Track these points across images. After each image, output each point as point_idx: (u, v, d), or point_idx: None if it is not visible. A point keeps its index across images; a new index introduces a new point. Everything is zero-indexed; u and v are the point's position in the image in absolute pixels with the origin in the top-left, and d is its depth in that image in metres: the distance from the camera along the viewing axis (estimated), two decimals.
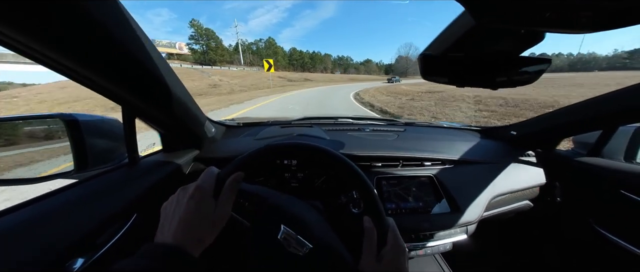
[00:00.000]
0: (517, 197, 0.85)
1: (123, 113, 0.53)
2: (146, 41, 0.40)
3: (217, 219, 0.32)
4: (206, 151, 0.78)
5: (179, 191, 0.34)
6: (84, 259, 0.36)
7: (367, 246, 0.36)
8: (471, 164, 0.85)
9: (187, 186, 0.34)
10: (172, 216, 0.31)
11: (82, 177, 0.52)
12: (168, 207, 0.33)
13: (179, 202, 0.32)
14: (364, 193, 0.37)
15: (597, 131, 0.79)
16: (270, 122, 1.12)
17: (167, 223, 0.31)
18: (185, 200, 0.31)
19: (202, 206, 0.32)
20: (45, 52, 0.30)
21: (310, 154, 0.39)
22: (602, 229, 0.74)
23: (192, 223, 0.30)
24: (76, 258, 0.35)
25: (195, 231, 0.30)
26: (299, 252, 0.34)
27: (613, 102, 0.66)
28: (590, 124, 0.75)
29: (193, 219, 0.30)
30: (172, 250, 0.28)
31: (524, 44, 0.39)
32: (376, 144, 0.86)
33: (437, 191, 0.77)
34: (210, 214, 0.32)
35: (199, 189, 0.33)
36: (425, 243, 0.70)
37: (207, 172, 0.35)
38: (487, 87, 0.45)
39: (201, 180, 0.34)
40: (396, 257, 0.35)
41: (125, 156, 0.62)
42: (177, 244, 0.28)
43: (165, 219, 0.32)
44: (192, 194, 0.32)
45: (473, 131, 1.16)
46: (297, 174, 0.79)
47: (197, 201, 0.32)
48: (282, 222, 0.35)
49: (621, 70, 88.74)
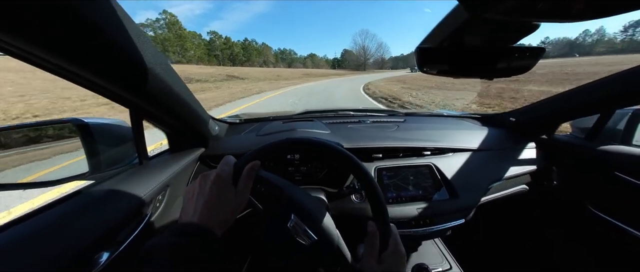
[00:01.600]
0: (515, 182, 0.87)
1: (131, 115, 0.55)
2: (148, 43, 0.41)
3: (236, 204, 0.36)
4: (211, 149, 0.80)
5: (200, 177, 0.36)
6: (109, 252, 0.39)
7: (368, 249, 0.38)
8: (470, 151, 0.87)
9: (208, 173, 0.36)
10: (196, 200, 0.34)
11: (97, 179, 0.54)
12: (191, 192, 0.36)
13: (202, 188, 0.35)
14: (373, 198, 0.40)
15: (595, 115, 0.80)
16: (272, 117, 1.14)
17: (191, 206, 0.34)
18: (208, 186, 0.34)
19: (223, 192, 0.35)
20: (48, 58, 0.31)
21: (329, 154, 0.42)
22: (597, 211, 0.77)
23: (215, 207, 0.33)
24: (102, 252, 0.38)
25: (217, 214, 0.33)
26: (305, 242, 0.37)
27: (610, 86, 0.67)
28: (588, 108, 0.76)
29: (215, 204, 0.33)
30: (199, 229, 0.30)
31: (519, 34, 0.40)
32: (376, 135, 0.88)
33: (436, 179, 0.80)
34: (231, 199, 0.35)
35: (220, 176, 0.35)
36: (425, 229, 0.73)
37: (225, 160, 0.38)
38: (483, 77, 0.46)
39: (221, 168, 0.37)
40: (396, 262, 0.38)
41: (134, 156, 0.65)
42: (203, 225, 0.31)
43: (188, 203, 0.34)
44: (214, 181, 0.35)
45: (472, 119, 1.17)
46: (300, 168, 0.82)
47: (218, 187, 0.34)
48: (293, 211, 0.38)
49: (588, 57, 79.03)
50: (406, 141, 0.84)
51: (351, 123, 1.05)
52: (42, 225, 0.34)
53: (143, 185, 0.52)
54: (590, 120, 0.82)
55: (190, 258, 0.27)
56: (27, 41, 0.28)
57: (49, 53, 0.30)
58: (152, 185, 0.53)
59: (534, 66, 0.42)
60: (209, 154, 0.78)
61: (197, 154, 0.76)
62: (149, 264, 0.26)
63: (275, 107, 7.67)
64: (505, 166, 0.85)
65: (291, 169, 0.81)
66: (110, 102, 0.46)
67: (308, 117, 1.14)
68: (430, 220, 0.74)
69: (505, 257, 1.05)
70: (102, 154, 0.56)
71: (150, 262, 0.27)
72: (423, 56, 0.45)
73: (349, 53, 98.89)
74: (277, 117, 1.14)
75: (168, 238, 0.28)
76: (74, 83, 0.37)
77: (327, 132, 0.90)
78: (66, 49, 0.30)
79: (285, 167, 0.81)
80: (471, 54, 0.43)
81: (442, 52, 0.44)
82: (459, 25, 0.37)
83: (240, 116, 1.16)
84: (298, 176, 0.81)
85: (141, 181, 0.52)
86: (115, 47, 0.34)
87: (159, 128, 0.65)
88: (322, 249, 0.38)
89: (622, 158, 0.71)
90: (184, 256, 0.27)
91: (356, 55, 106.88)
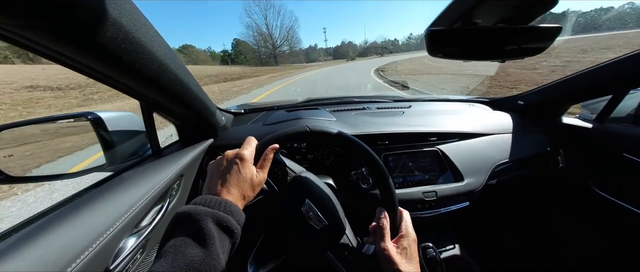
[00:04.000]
0: (522, 165, 0.87)
1: (142, 108, 0.56)
2: (157, 36, 0.41)
3: (256, 183, 0.38)
4: (220, 139, 0.81)
5: (223, 155, 0.39)
6: (135, 237, 0.42)
7: (379, 233, 0.40)
8: (476, 135, 0.87)
9: (230, 152, 0.38)
10: (219, 176, 0.36)
11: (114, 170, 0.57)
12: (214, 167, 0.38)
13: (226, 165, 0.37)
14: (385, 188, 0.42)
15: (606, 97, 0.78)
16: (276, 106, 1.14)
17: (214, 181, 0.36)
18: (232, 164, 0.37)
19: (244, 170, 0.37)
20: (65, 52, 0.32)
21: (342, 144, 0.44)
22: (601, 192, 0.78)
23: (237, 183, 0.36)
24: (129, 237, 0.41)
25: (239, 189, 0.35)
26: (317, 226, 0.39)
27: (624, 65, 0.65)
28: (600, 89, 0.74)
29: (238, 180, 0.36)
30: (224, 200, 0.33)
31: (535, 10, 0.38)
32: (382, 121, 0.88)
33: (442, 163, 0.80)
34: (251, 177, 0.37)
35: (242, 155, 0.38)
36: (430, 212, 0.75)
37: (248, 142, 0.41)
38: (495, 59, 0.45)
39: (243, 148, 0.39)
40: (408, 244, 0.39)
41: (147, 147, 0.67)
42: (227, 196, 0.34)
43: (212, 178, 0.37)
44: (236, 159, 0.37)
45: (480, 103, 1.15)
46: (308, 156, 0.84)
47: (240, 165, 0.37)
48: (307, 196, 0.39)
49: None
50: (412, 127, 0.84)
51: (356, 110, 1.05)
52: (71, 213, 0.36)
53: (160, 175, 0.54)
54: (601, 102, 0.80)
55: (220, 221, 0.30)
56: (52, 38, 0.29)
57: (68, 47, 0.31)
58: (168, 175, 0.55)
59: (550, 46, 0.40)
60: (218, 144, 0.80)
61: (207, 145, 0.78)
62: (182, 227, 0.28)
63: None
64: (513, 150, 0.85)
65: (298, 157, 0.83)
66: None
67: (312, 105, 1.13)
68: (435, 203, 0.75)
69: (509, 239, 1.08)
70: (117, 146, 0.58)
71: (183, 226, 0.29)
72: (433, 39, 0.44)
73: (242, 44, 46.13)
74: (281, 106, 1.14)
75: (196, 207, 0.30)
76: (87, 76, 0.38)
77: (333, 119, 0.90)
78: (85, 44, 0.31)
79: (293, 155, 0.82)
80: (485, 35, 0.42)
81: (454, 34, 0.43)
82: (473, 4, 0.36)
83: (244, 106, 1.17)
84: (305, 163, 0.82)
85: (158, 171, 0.54)
86: (132, 41, 0.35)
87: (170, 120, 0.66)
88: (332, 233, 0.40)
89: (631, 139, 0.70)
90: (215, 219, 0.29)
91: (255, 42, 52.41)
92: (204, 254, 0.27)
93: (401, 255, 0.37)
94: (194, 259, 0.26)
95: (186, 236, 0.27)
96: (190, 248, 0.26)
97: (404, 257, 0.37)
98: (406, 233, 0.41)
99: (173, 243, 0.27)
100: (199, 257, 0.26)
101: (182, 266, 0.25)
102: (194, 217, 0.29)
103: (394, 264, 0.36)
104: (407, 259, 0.37)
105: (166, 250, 0.26)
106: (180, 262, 0.25)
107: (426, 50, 0.45)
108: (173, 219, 0.30)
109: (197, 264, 0.26)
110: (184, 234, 0.28)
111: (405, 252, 0.38)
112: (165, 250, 0.26)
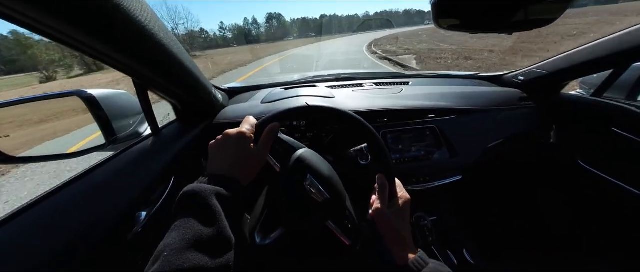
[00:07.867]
0: (517, 140, 0.90)
1: (135, 86, 0.54)
2: (149, 11, 0.38)
3: (257, 161, 0.39)
4: (218, 118, 0.80)
5: (223, 134, 0.39)
6: (146, 211, 0.44)
7: (380, 196, 0.43)
8: (473, 112, 0.88)
9: (231, 131, 0.38)
10: (222, 154, 0.37)
11: (115, 149, 0.56)
12: (216, 146, 0.38)
13: (227, 144, 0.37)
14: (384, 161, 0.44)
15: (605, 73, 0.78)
16: (272, 84, 1.11)
17: (217, 159, 0.37)
18: (233, 143, 0.37)
19: (246, 148, 0.37)
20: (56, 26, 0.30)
21: (342, 120, 0.45)
22: (587, 165, 0.82)
23: (239, 161, 0.36)
24: (141, 211, 0.43)
25: (241, 167, 0.36)
26: (319, 199, 0.41)
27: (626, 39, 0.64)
28: (601, 63, 0.74)
29: (239, 158, 0.36)
30: (227, 178, 0.34)
31: None
32: (381, 98, 0.88)
33: (438, 139, 0.83)
34: (253, 155, 0.38)
35: (242, 134, 0.38)
36: (425, 185, 0.79)
37: (248, 120, 0.41)
38: (503, 31, 0.44)
39: (243, 127, 0.39)
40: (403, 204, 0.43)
41: (144, 126, 0.66)
42: (230, 175, 0.35)
43: (214, 156, 0.37)
44: (237, 138, 0.37)
45: (479, 79, 1.14)
46: (307, 134, 0.84)
47: (242, 143, 0.37)
48: (309, 172, 0.41)
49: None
50: (410, 103, 0.84)
51: (354, 86, 1.03)
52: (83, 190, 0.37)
53: (161, 154, 0.54)
54: (599, 77, 0.80)
55: (225, 198, 0.31)
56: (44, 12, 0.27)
57: (57, 21, 0.29)
58: (169, 154, 0.56)
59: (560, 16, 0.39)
60: (217, 122, 0.79)
61: (206, 123, 0.77)
62: (189, 204, 0.30)
63: None
64: (509, 126, 0.87)
65: (298, 135, 0.83)
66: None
67: (310, 82, 1.11)
68: (429, 177, 0.79)
69: (500, 212, 1.15)
70: (115, 125, 0.57)
71: (190, 203, 0.30)
72: (440, 9, 0.42)
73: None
74: (277, 83, 1.11)
75: (201, 185, 0.32)
76: (79, 52, 0.36)
77: (333, 97, 0.89)
78: (76, 18, 0.29)
79: (292, 133, 0.83)
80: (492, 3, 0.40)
81: (461, 4, 0.41)
82: None
83: (240, 84, 1.13)
84: (305, 141, 0.83)
85: (158, 151, 0.55)
86: (120, 13, 0.32)
87: (165, 99, 0.64)
88: (334, 205, 0.43)
89: (621, 113, 0.72)
90: (220, 196, 0.31)
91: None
92: (212, 228, 0.28)
93: (395, 214, 0.42)
94: (203, 233, 0.27)
95: (194, 212, 0.29)
96: (198, 224, 0.28)
97: (398, 216, 0.42)
98: (401, 195, 0.45)
99: (182, 219, 0.28)
100: (208, 231, 0.28)
101: (191, 240, 0.26)
102: (200, 195, 0.30)
103: (388, 221, 0.40)
104: (401, 217, 0.42)
105: (177, 225, 0.28)
106: (190, 237, 0.27)
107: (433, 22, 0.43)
108: (180, 197, 0.31)
109: (206, 237, 0.27)
110: (192, 211, 0.29)
111: (399, 212, 0.42)
112: (176, 225, 0.28)
